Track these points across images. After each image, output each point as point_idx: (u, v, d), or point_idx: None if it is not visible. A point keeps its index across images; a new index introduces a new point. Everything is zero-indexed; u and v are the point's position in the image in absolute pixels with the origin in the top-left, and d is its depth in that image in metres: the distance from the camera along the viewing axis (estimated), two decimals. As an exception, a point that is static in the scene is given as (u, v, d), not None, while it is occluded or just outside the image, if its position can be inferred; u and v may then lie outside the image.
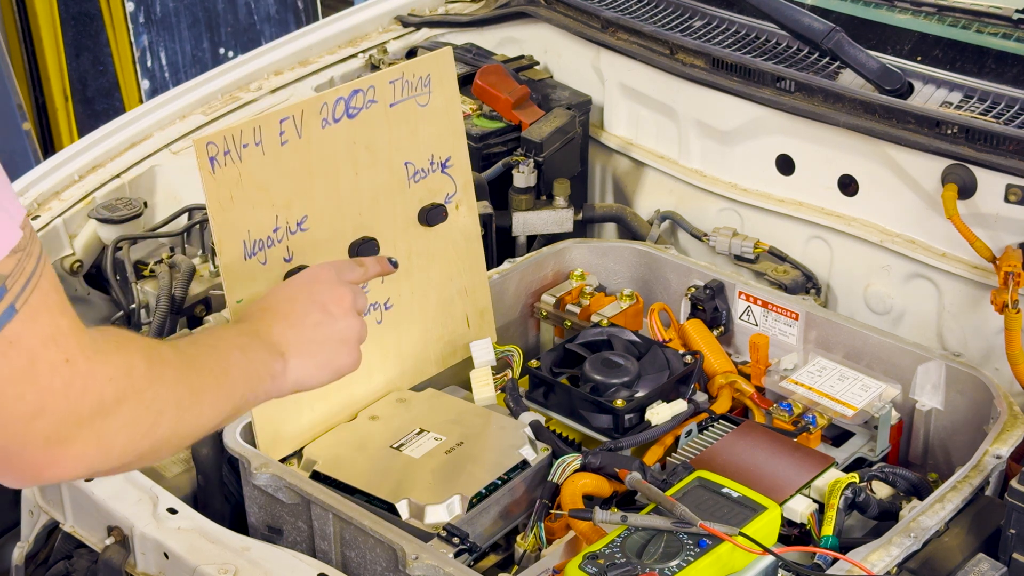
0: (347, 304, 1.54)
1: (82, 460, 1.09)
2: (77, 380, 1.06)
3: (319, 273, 1.57)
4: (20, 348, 1.01)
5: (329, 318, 1.51)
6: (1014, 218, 2.08)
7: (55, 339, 1.04)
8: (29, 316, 1.02)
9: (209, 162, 1.66)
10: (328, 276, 1.57)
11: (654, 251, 2.30)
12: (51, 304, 1.04)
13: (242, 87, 2.76)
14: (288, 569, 1.64)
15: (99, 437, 1.09)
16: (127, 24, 4.85)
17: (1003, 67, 2.33)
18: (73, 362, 1.05)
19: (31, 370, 1.02)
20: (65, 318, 1.06)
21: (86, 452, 1.08)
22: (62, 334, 1.05)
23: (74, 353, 1.06)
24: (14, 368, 1.01)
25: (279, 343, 1.45)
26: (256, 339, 1.42)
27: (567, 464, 1.77)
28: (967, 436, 1.94)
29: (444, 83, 1.93)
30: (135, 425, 1.13)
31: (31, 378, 1.02)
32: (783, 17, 2.40)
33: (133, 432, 1.13)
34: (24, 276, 1.02)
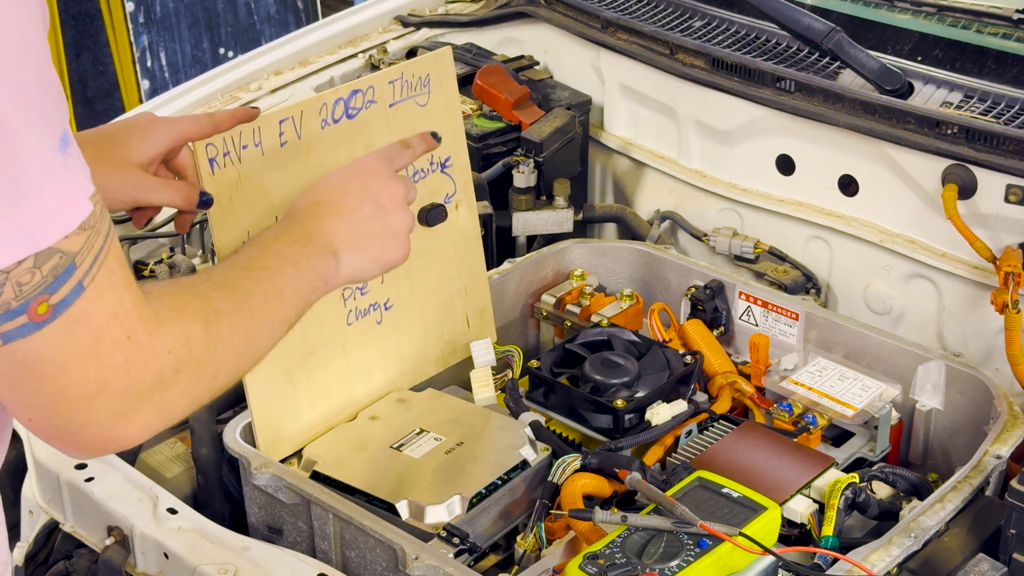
0: (400, 198, 1.53)
1: (146, 428, 1.11)
2: (139, 356, 1.07)
3: (373, 165, 1.55)
4: (87, 325, 1.03)
5: (382, 212, 1.50)
6: (1014, 218, 2.08)
7: (118, 316, 1.05)
8: (95, 294, 1.03)
9: (208, 164, 1.66)
10: (381, 168, 1.55)
11: (654, 251, 2.30)
12: (116, 282, 1.05)
13: (242, 87, 2.76)
14: (288, 569, 1.64)
15: (160, 406, 1.11)
16: (127, 24, 4.86)
17: (1003, 67, 2.33)
18: (134, 338, 1.07)
19: (96, 348, 1.04)
20: (129, 294, 1.07)
21: (149, 421, 1.11)
22: (125, 311, 1.06)
23: (136, 329, 1.07)
24: (81, 345, 1.03)
25: (332, 240, 1.44)
26: (309, 244, 1.42)
27: (567, 464, 1.77)
28: (967, 436, 1.94)
29: (444, 83, 1.93)
30: (195, 388, 1.16)
31: (95, 356, 1.04)
32: (783, 17, 2.40)
33: (193, 394, 1.16)
34: (92, 254, 1.03)
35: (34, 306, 0.99)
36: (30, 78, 0.99)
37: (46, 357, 1.02)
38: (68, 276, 1.01)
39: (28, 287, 0.98)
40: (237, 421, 1.82)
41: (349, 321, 1.88)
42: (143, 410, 1.10)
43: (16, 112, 0.97)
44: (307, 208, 1.48)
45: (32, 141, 0.98)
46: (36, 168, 0.98)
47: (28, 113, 0.98)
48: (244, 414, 1.81)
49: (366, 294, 1.90)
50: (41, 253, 0.98)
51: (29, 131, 0.98)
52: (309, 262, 1.40)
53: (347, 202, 1.49)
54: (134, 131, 1.59)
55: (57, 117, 1.02)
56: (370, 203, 1.50)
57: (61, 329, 1.01)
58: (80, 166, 1.03)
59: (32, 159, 0.98)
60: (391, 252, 1.52)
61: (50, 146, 1.00)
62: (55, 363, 1.02)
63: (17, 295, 0.98)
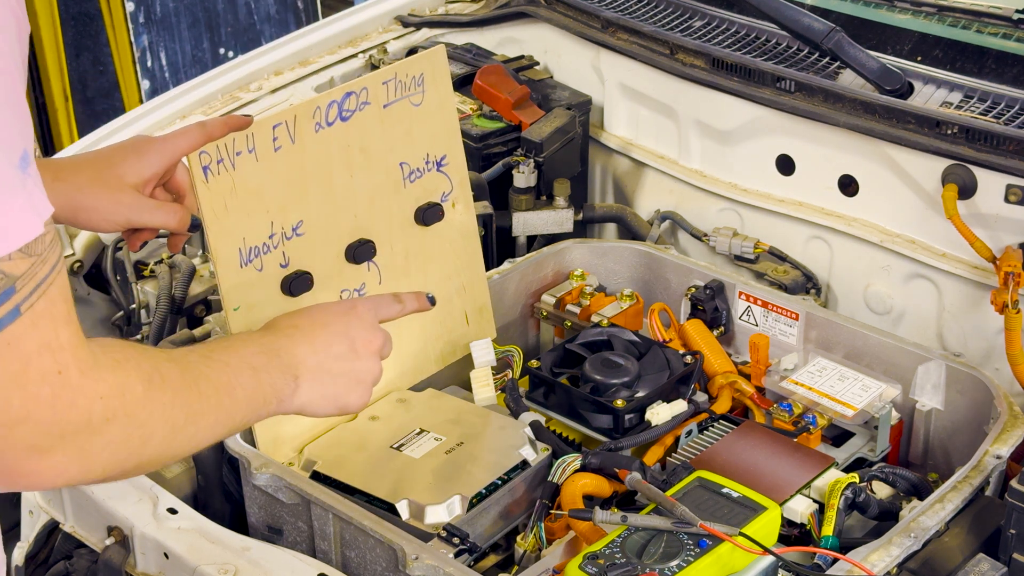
0: (375, 347, 1.53)
1: (62, 472, 1.08)
2: (66, 393, 1.05)
3: (359, 309, 1.55)
4: (16, 351, 1.01)
5: (353, 355, 1.51)
6: (1014, 218, 2.08)
7: (51, 349, 1.04)
8: (31, 321, 1.01)
9: (202, 171, 1.66)
10: (367, 314, 1.55)
11: (654, 251, 2.30)
12: (56, 314, 1.04)
13: (242, 87, 2.76)
14: (288, 569, 1.64)
15: (81, 452, 1.09)
16: (127, 24, 4.85)
17: (1003, 67, 2.33)
18: (66, 375, 1.05)
19: (23, 375, 1.02)
20: (67, 330, 1.05)
21: (67, 465, 1.08)
22: (59, 345, 1.04)
23: (68, 366, 1.05)
24: (6, 371, 1.01)
25: (297, 365, 1.43)
26: (274, 359, 1.41)
27: (567, 464, 1.77)
28: (967, 436, 1.94)
29: (438, 82, 1.92)
30: (121, 445, 1.12)
31: (21, 383, 1.02)
32: (783, 17, 2.40)
33: (118, 451, 1.12)
34: (35, 281, 1.02)
35: None
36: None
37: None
38: (6, 298, 0.99)
39: None
40: (237, 421, 1.81)
41: (349, 321, 1.88)
42: (62, 450, 1.07)
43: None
44: (284, 328, 1.48)
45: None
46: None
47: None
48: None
49: (364, 295, 1.90)
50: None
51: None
52: (269, 375, 1.39)
53: (322, 335, 1.48)
54: (129, 153, 1.61)
55: (19, 136, 1.00)
56: (345, 343, 1.50)
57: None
58: (38, 188, 1.02)
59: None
60: (349, 395, 1.50)
61: (10, 163, 0.99)
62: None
63: None
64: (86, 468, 1.10)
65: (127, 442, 1.13)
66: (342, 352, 1.49)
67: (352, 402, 1.51)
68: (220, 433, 1.31)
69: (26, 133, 1.02)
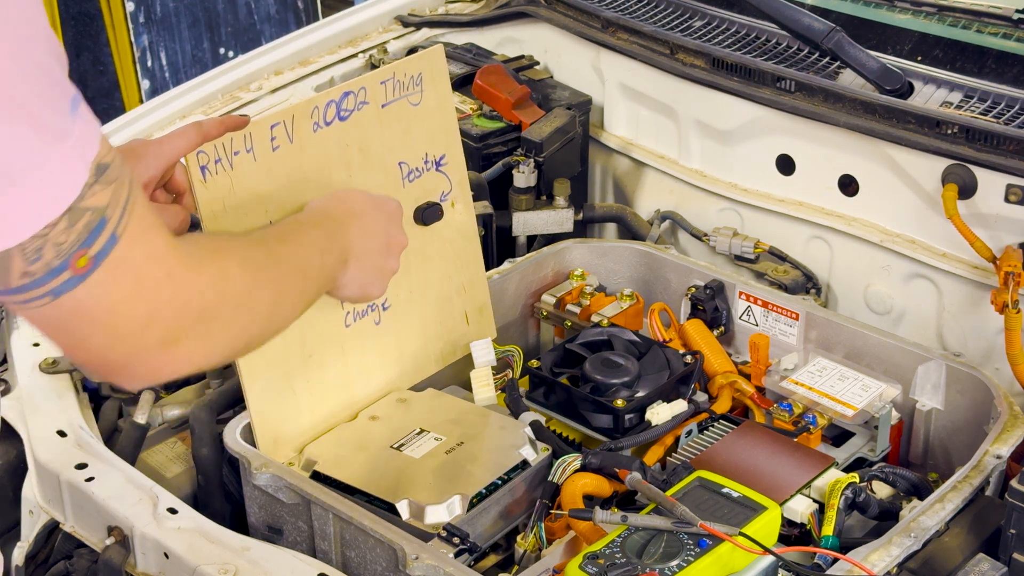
0: (401, 248, 1.68)
1: (190, 358, 1.19)
2: (180, 291, 1.15)
3: (391, 206, 1.68)
4: (126, 270, 1.10)
5: (386, 250, 1.65)
6: (1014, 218, 2.08)
7: (155, 257, 1.13)
8: (130, 240, 1.10)
9: (200, 171, 1.66)
10: (397, 213, 1.69)
11: (654, 251, 2.30)
12: (146, 225, 1.12)
13: (242, 87, 2.76)
14: (288, 569, 1.64)
15: (202, 337, 1.19)
16: (127, 24, 4.86)
17: (1003, 67, 2.33)
18: (174, 275, 1.15)
19: (139, 287, 1.11)
20: (161, 235, 1.14)
21: (193, 351, 1.19)
22: (161, 251, 1.14)
23: (174, 266, 1.15)
24: (124, 287, 1.10)
25: (348, 250, 1.57)
26: (334, 243, 1.54)
27: (567, 464, 1.77)
28: (967, 436, 1.94)
29: (436, 81, 1.92)
30: (233, 324, 1.24)
31: (139, 294, 1.12)
32: (783, 17, 2.40)
33: (231, 330, 1.24)
34: (120, 204, 1.09)
35: (74, 261, 1.06)
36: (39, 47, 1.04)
37: (94, 303, 1.09)
38: (102, 228, 1.07)
39: (66, 245, 1.05)
40: (237, 421, 1.82)
41: (347, 323, 1.88)
42: (186, 340, 1.17)
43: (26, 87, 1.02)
44: (339, 214, 1.60)
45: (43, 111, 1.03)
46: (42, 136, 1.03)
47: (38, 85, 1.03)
48: (244, 414, 1.81)
49: None
50: (73, 211, 1.04)
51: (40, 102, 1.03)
52: (331, 257, 1.53)
53: (372, 228, 1.62)
54: (126, 158, 1.60)
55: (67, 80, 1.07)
56: (382, 238, 1.64)
57: (104, 276, 1.08)
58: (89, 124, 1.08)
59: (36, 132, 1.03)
60: (374, 285, 1.64)
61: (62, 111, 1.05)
62: (103, 307, 1.10)
63: (57, 254, 1.05)
64: (209, 351, 1.22)
65: (237, 320, 1.25)
66: (379, 246, 1.63)
67: (375, 292, 1.64)
68: (299, 310, 1.43)
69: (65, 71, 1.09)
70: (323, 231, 1.54)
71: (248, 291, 1.26)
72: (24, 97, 1.02)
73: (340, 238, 1.56)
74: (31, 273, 1.05)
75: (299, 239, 1.47)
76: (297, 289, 1.41)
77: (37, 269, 1.05)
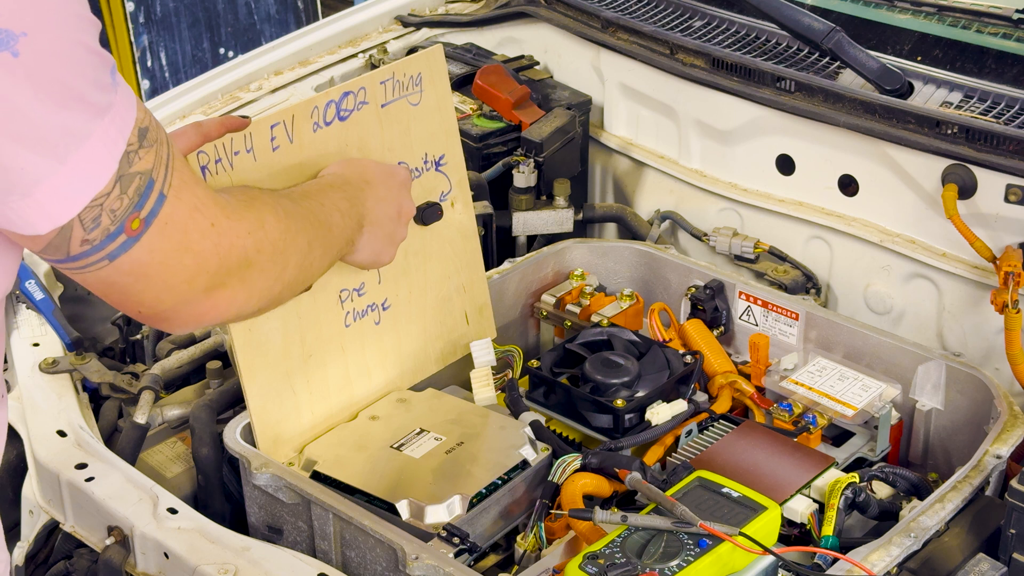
0: (410, 216, 1.73)
1: (233, 302, 1.27)
2: (224, 239, 1.22)
3: (401, 175, 1.73)
4: (175, 225, 1.17)
5: (397, 217, 1.69)
6: (1014, 218, 2.08)
7: (199, 209, 1.19)
8: (175, 196, 1.16)
9: (200, 171, 1.65)
10: (407, 182, 1.74)
11: (654, 251, 2.30)
12: (187, 179, 1.18)
13: (242, 87, 2.76)
14: (288, 569, 1.64)
15: (244, 282, 1.27)
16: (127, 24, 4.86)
17: (1003, 67, 2.33)
18: (218, 224, 1.21)
19: (186, 239, 1.18)
20: (201, 187, 1.20)
21: (235, 295, 1.26)
22: (204, 203, 1.20)
23: (216, 216, 1.21)
24: (173, 242, 1.17)
25: (364, 215, 1.61)
26: (353, 207, 1.58)
27: (567, 464, 1.77)
28: (967, 436, 1.94)
29: (435, 81, 1.92)
30: (270, 270, 1.31)
31: (187, 246, 1.18)
32: (783, 17, 2.40)
33: (269, 277, 1.31)
34: (164, 164, 1.15)
35: (128, 224, 1.13)
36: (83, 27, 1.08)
37: (147, 260, 1.16)
38: (150, 190, 1.14)
39: (120, 210, 1.12)
40: (237, 421, 1.82)
41: (347, 323, 1.88)
42: (229, 285, 1.25)
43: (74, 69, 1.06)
44: (356, 180, 1.64)
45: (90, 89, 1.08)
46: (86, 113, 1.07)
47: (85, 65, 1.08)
48: (244, 414, 1.81)
49: (363, 295, 1.90)
50: (123, 178, 1.11)
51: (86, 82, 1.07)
52: (349, 219, 1.57)
53: (386, 195, 1.67)
54: None
55: (103, 50, 1.11)
56: (394, 206, 1.69)
57: (155, 235, 1.15)
58: (126, 92, 1.12)
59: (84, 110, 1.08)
60: (384, 252, 1.68)
61: (105, 85, 1.10)
62: (156, 263, 1.17)
63: (113, 219, 1.12)
64: (248, 295, 1.29)
65: (273, 267, 1.31)
66: (391, 213, 1.67)
67: (385, 258, 1.69)
68: (325, 265, 1.50)
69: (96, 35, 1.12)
70: (343, 194, 1.58)
71: (283, 238, 1.32)
72: (75, 79, 1.06)
73: (358, 203, 1.60)
74: (90, 240, 1.11)
75: (321, 198, 1.52)
76: (323, 243, 1.46)
77: (96, 236, 1.11)
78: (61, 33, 1.05)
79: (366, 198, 1.62)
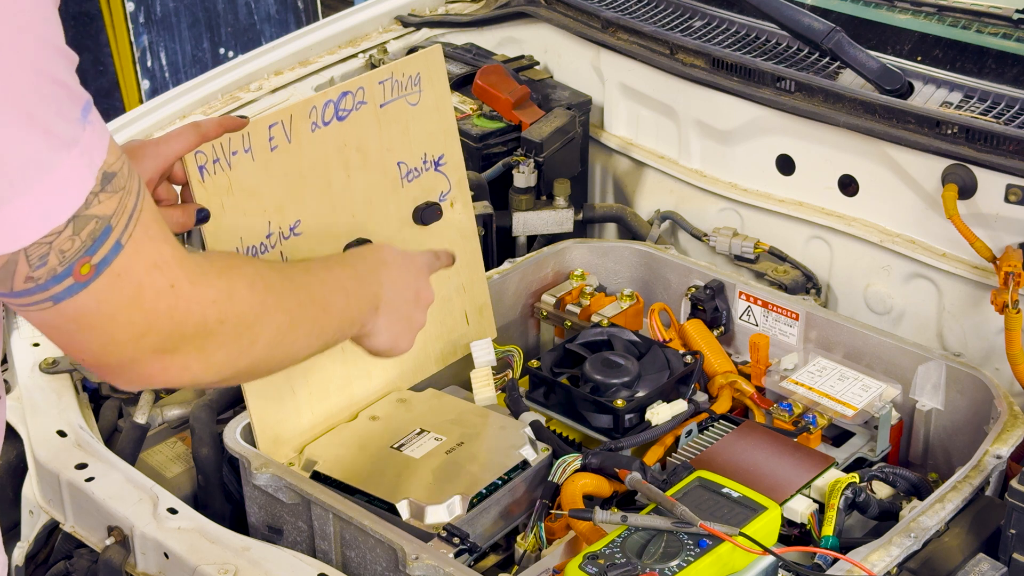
0: (428, 302, 1.66)
1: (186, 370, 1.20)
2: (181, 303, 1.16)
3: (423, 264, 1.68)
4: (128, 279, 1.11)
5: (416, 304, 1.64)
6: (1014, 218, 2.08)
7: (160, 267, 1.13)
8: (134, 249, 1.11)
9: (198, 171, 1.65)
10: (427, 270, 1.69)
11: (654, 251, 2.30)
12: (153, 235, 1.13)
13: (242, 87, 2.76)
14: (288, 569, 1.64)
15: (201, 351, 1.20)
16: (127, 24, 4.85)
17: (1003, 67, 2.33)
18: (178, 287, 1.15)
19: (139, 297, 1.12)
20: (167, 245, 1.15)
21: (189, 363, 1.19)
22: (166, 261, 1.14)
23: (179, 278, 1.15)
24: (124, 296, 1.11)
25: (379, 296, 1.54)
26: (364, 287, 1.52)
27: (567, 464, 1.77)
28: (967, 436, 1.94)
29: (434, 81, 1.92)
30: (234, 344, 1.24)
31: (139, 304, 1.12)
32: (783, 17, 2.40)
33: (232, 350, 1.24)
34: (127, 213, 1.10)
35: (77, 268, 1.07)
36: (54, 56, 1.05)
37: (93, 310, 1.10)
38: (106, 237, 1.08)
39: (70, 252, 1.06)
40: (237, 421, 1.82)
41: (348, 322, 1.88)
42: (184, 351, 1.18)
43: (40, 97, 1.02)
44: (372, 260, 1.58)
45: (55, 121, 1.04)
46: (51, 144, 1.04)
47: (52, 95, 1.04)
48: (244, 414, 1.81)
49: None
50: (78, 220, 1.05)
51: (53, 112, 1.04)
52: (358, 300, 1.51)
53: (404, 278, 1.61)
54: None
55: (78, 87, 1.08)
56: (412, 291, 1.63)
57: (104, 285, 1.09)
58: (98, 131, 1.08)
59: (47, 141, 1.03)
60: (403, 339, 1.62)
61: (72, 119, 1.05)
62: (103, 314, 1.11)
63: (61, 261, 1.06)
64: (206, 366, 1.22)
65: (238, 341, 1.24)
66: (411, 299, 1.62)
67: (404, 345, 1.62)
68: (314, 346, 1.42)
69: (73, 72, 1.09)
70: (352, 272, 1.52)
71: (254, 313, 1.25)
72: (38, 108, 1.02)
73: (370, 284, 1.53)
74: (34, 278, 1.06)
75: (324, 275, 1.46)
76: (314, 323, 1.39)
77: (41, 275, 1.06)
78: (24, 63, 1.01)
79: (381, 279, 1.55)
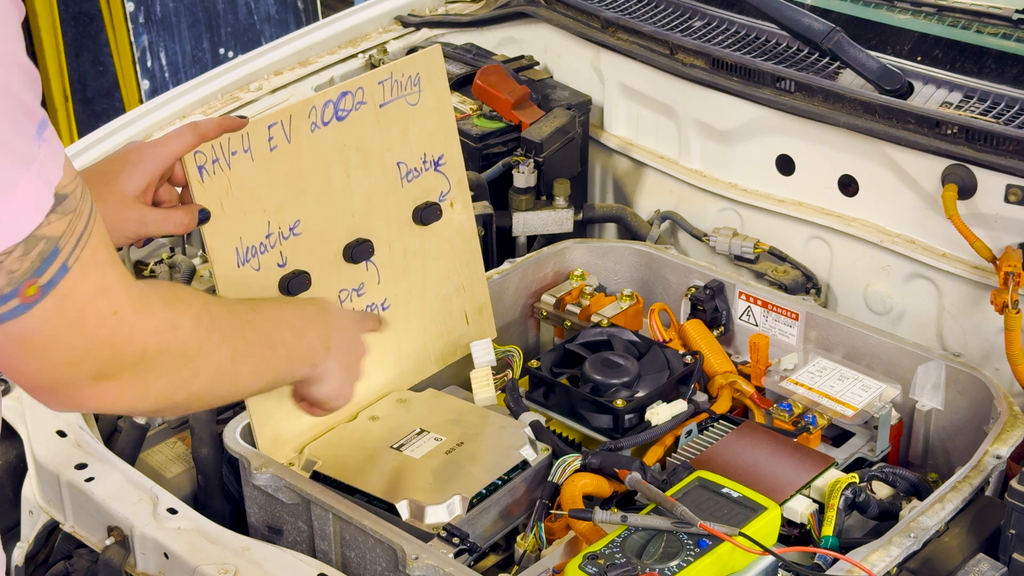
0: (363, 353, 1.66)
1: (121, 397, 1.19)
2: (123, 330, 1.15)
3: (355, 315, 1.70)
4: (71, 302, 1.10)
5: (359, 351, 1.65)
6: (1014, 218, 2.08)
7: (104, 293, 1.12)
8: (80, 273, 1.09)
9: (198, 172, 1.65)
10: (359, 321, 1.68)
11: (654, 251, 2.30)
12: (101, 260, 1.12)
13: (242, 87, 2.76)
14: (288, 569, 1.64)
15: (138, 380, 1.19)
16: (127, 24, 4.85)
17: (1003, 67, 2.33)
18: (121, 314, 1.14)
19: (81, 321, 1.11)
20: (114, 273, 1.14)
21: (124, 391, 1.18)
22: (111, 288, 1.13)
23: (123, 305, 1.14)
24: (66, 319, 1.10)
25: (330, 337, 1.55)
26: (312, 327, 1.52)
27: (567, 464, 1.77)
28: (967, 436, 1.94)
29: (434, 81, 1.92)
30: (173, 376, 1.23)
31: (80, 328, 1.11)
32: (783, 17, 2.40)
33: (170, 382, 1.23)
34: (75, 235, 1.08)
35: (24, 289, 1.06)
36: (12, 73, 1.02)
37: (36, 331, 1.09)
38: (53, 259, 1.07)
39: (19, 273, 1.05)
40: (237, 421, 1.82)
41: (348, 322, 1.88)
42: (120, 378, 1.17)
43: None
44: (318, 304, 1.60)
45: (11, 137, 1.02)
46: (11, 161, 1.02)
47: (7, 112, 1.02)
48: (244, 414, 1.81)
49: (363, 295, 1.90)
50: (30, 240, 1.04)
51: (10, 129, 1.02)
52: (307, 339, 1.51)
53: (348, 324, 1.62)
54: (123, 164, 1.62)
55: (36, 105, 1.06)
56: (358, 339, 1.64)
57: (49, 307, 1.08)
58: (53, 150, 1.07)
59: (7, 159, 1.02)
60: (348, 386, 1.63)
61: (28, 135, 1.04)
62: (44, 335, 1.10)
63: (9, 281, 1.05)
64: (142, 395, 1.21)
65: (178, 374, 1.23)
66: (353, 343, 1.62)
67: (347, 394, 1.63)
68: (259, 384, 1.43)
69: (38, 95, 1.07)
70: (301, 313, 1.53)
71: (197, 346, 1.24)
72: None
73: (320, 325, 1.54)
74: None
75: (271, 313, 1.46)
76: (260, 360, 1.39)
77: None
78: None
79: (329, 321, 1.56)
